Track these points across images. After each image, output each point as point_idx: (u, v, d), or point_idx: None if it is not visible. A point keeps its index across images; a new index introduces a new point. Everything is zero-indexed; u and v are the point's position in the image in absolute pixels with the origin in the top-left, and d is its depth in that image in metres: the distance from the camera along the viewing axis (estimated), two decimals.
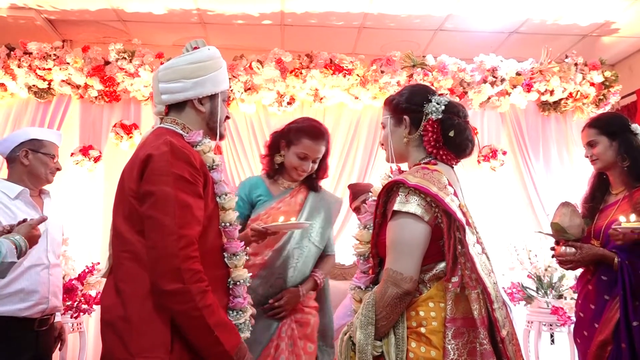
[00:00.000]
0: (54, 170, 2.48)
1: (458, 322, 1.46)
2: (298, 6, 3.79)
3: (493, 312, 1.48)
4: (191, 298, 1.43)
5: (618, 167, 2.33)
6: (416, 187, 1.49)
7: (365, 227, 1.70)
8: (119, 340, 1.46)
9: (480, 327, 1.44)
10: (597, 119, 2.47)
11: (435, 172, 1.54)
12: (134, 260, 1.49)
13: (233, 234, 1.65)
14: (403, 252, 1.48)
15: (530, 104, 4.33)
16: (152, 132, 1.68)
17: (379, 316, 1.47)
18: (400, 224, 1.50)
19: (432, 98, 1.64)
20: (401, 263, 1.47)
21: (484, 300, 1.48)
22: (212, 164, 1.64)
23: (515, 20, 4.02)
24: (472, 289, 1.47)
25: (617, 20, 3.98)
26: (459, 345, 1.43)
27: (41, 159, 2.42)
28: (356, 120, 4.28)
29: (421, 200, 1.49)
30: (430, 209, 1.49)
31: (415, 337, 1.47)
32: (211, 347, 1.48)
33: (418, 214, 1.47)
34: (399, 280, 1.45)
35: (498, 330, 1.48)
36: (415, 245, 1.48)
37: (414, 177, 1.52)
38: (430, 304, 1.49)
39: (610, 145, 2.33)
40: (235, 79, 3.92)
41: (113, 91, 4.00)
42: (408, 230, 1.48)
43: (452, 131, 1.60)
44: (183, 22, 4.02)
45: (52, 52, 3.87)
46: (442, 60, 4.04)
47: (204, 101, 1.69)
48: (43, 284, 2.34)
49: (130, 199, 1.52)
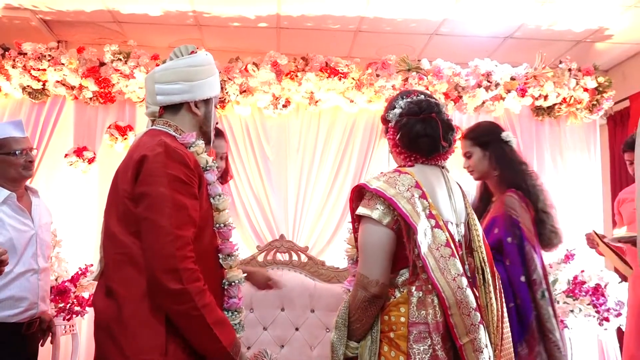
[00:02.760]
0: (27, 164, 2.33)
1: (420, 326, 1.47)
2: (294, 9, 3.80)
3: (448, 317, 1.46)
4: (191, 298, 1.43)
5: (492, 176, 2.38)
6: (375, 191, 1.51)
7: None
8: (113, 343, 1.46)
9: (434, 332, 1.44)
10: (471, 130, 2.51)
11: (404, 174, 1.55)
12: (129, 262, 1.49)
13: (227, 235, 1.66)
14: (367, 256, 1.51)
15: (524, 109, 4.35)
16: (145, 133, 1.68)
17: (352, 319, 1.50)
18: (364, 228, 1.53)
19: (396, 103, 1.66)
20: (367, 267, 1.49)
21: (440, 306, 1.46)
22: (205, 165, 1.64)
23: (510, 26, 4.04)
24: (427, 293, 1.48)
25: (611, 27, 4.01)
26: (420, 350, 1.44)
27: (4, 159, 2.28)
28: (351, 123, 4.28)
29: (380, 204, 1.51)
30: (389, 213, 1.51)
31: (387, 342, 1.49)
32: (209, 344, 1.48)
33: (376, 218, 1.49)
34: (366, 284, 1.47)
35: (455, 337, 1.46)
36: (378, 248, 1.49)
37: (377, 180, 1.54)
38: (401, 309, 1.50)
39: (484, 156, 2.38)
40: (231, 82, 3.91)
41: (108, 92, 3.99)
42: (369, 235, 1.51)
43: (400, 132, 1.61)
44: (179, 24, 4.02)
45: (47, 53, 3.85)
46: (437, 64, 4.05)
47: (200, 105, 1.70)
48: (32, 290, 2.32)
49: (125, 201, 1.52)
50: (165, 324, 1.47)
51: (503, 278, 2.00)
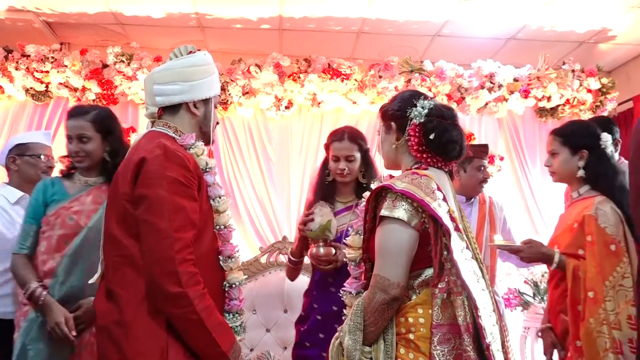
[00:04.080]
0: (46, 169, 2.53)
1: (444, 328, 1.46)
2: (296, 11, 3.80)
3: (478, 318, 1.47)
4: (189, 302, 1.43)
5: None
6: (403, 192, 1.49)
7: (357, 233, 1.71)
8: (114, 346, 1.46)
9: (465, 333, 1.44)
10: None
11: (424, 177, 1.55)
12: (129, 264, 1.49)
13: (228, 237, 1.65)
14: (390, 258, 1.48)
15: (527, 110, 4.34)
16: (144, 135, 1.68)
17: (367, 322, 1.47)
18: (387, 229, 1.50)
19: (417, 102, 1.64)
20: (388, 269, 1.47)
21: (469, 307, 1.47)
22: (205, 167, 1.64)
23: (512, 27, 4.03)
24: (457, 295, 1.47)
25: (614, 28, 3.99)
26: (445, 351, 1.44)
27: (28, 161, 2.48)
28: (354, 125, 4.26)
29: (408, 205, 1.49)
30: (417, 214, 1.49)
31: (404, 344, 1.47)
32: (208, 348, 1.48)
33: (404, 220, 1.48)
34: (387, 287, 1.45)
35: (483, 337, 1.47)
36: (402, 251, 1.48)
37: (402, 182, 1.52)
38: (419, 310, 1.49)
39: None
40: (233, 83, 3.92)
41: (111, 94, 4.00)
42: (394, 236, 1.49)
43: (432, 134, 1.60)
44: (181, 25, 4.03)
45: (50, 55, 3.87)
46: (440, 65, 4.05)
47: (199, 105, 1.69)
48: None
49: (124, 203, 1.52)
50: (166, 326, 1.46)
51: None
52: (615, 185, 2.11)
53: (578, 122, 2.71)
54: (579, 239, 2.09)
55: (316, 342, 2.32)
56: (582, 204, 2.16)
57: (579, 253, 2.09)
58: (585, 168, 2.17)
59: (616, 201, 2.07)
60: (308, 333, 2.37)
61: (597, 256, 2.00)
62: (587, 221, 2.06)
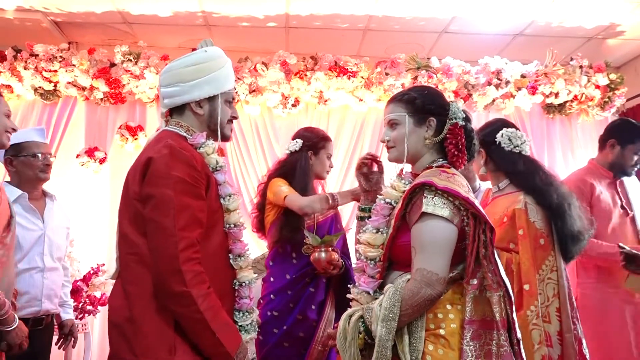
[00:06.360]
0: (44, 167, 2.47)
1: (475, 324, 1.46)
2: (303, 8, 3.79)
3: (512, 313, 1.51)
4: (193, 301, 1.43)
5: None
6: (446, 189, 1.49)
7: (378, 231, 1.64)
8: (124, 341, 1.48)
9: (502, 329, 1.46)
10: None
11: (456, 175, 1.57)
12: (140, 262, 1.50)
13: (238, 236, 1.65)
14: (436, 252, 1.47)
15: (535, 107, 4.32)
16: (155, 135, 1.69)
17: (402, 313, 1.44)
18: (431, 225, 1.49)
19: (451, 104, 1.67)
20: (436, 263, 1.46)
21: (505, 303, 1.50)
22: (215, 166, 1.64)
23: (520, 23, 4.01)
24: (494, 291, 1.48)
25: (623, 23, 3.97)
26: (477, 346, 1.44)
27: (24, 162, 2.43)
28: (360, 122, 4.29)
29: (449, 203, 1.49)
30: (458, 212, 1.50)
31: (433, 340, 1.47)
32: (213, 348, 1.48)
33: (447, 217, 1.48)
34: (434, 282, 1.44)
35: (515, 331, 1.51)
36: (447, 246, 1.48)
37: (440, 180, 1.51)
38: (447, 306, 1.50)
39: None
40: (240, 81, 3.93)
41: (118, 93, 4.02)
42: (439, 232, 1.48)
43: (470, 137, 1.66)
44: (188, 24, 4.04)
45: (58, 54, 3.89)
46: (447, 62, 4.04)
47: (203, 103, 1.67)
48: (36, 287, 2.37)
49: (135, 202, 1.53)
50: (174, 324, 1.48)
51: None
52: (535, 181, 2.14)
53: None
54: (510, 232, 2.10)
55: (296, 343, 2.41)
56: (507, 199, 2.18)
57: (510, 247, 2.10)
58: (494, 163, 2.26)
59: (538, 196, 2.11)
60: (287, 333, 2.43)
61: (529, 249, 2.04)
62: (518, 215, 2.08)
